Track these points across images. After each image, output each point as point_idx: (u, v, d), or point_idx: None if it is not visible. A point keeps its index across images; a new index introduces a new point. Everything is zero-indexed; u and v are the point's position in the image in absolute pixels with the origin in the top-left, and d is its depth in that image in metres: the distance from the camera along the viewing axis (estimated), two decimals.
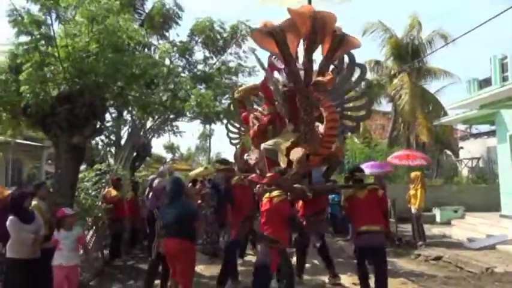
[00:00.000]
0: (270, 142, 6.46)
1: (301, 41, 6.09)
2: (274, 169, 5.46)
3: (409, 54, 17.81)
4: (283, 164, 5.99)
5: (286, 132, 6.37)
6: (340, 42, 5.88)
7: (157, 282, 5.71)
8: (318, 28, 5.78)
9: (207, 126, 20.77)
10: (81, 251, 6.89)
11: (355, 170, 6.08)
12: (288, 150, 6.11)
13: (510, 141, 10.76)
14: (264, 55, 6.83)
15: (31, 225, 4.77)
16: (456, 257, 7.86)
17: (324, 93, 5.77)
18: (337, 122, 6.01)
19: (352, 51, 6.33)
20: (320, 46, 6.08)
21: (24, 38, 6.31)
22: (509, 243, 8.53)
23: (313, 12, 5.78)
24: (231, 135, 9.91)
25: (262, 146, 6.54)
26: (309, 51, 6.02)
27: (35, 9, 6.38)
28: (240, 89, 8.76)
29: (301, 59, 6.19)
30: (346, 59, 6.45)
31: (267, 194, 5.14)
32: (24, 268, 4.72)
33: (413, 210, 9.42)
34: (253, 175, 6.38)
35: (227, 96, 13.98)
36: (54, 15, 6.46)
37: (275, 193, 5.04)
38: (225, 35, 13.26)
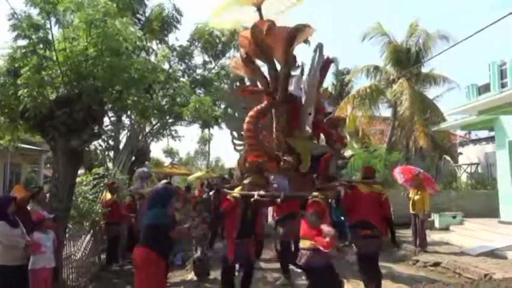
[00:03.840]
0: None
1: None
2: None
3: (408, 59, 17.85)
4: (304, 169, 5.95)
5: (303, 137, 6.33)
6: (291, 39, 6.06)
7: None
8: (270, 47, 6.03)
9: (206, 130, 20.76)
10: (78, 255, 6.91)
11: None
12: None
13: (509, 147, 10.77)
14: None
15: (18, 230, 4.71)
16: (454, 263, 7.82)
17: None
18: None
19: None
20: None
21: (22, 42, 6.33)
22: (507, 249, 8.49)
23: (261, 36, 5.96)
24: (236, 141, 9.86)
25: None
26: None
27: (34, 12, 6.41)
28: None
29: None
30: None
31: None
32: (16, 275, 4.62)
33: (421, 216, 9.26)
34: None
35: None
36: (53, 19, 6.48)
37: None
38: (223, 38, 13.34)
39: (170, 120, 13.05)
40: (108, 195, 8.56)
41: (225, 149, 73.30)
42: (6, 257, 4.60)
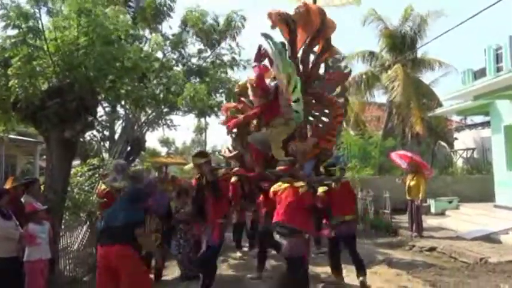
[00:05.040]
0: (259, 134, 6.49)
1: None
2: (285, 160, 5.45)
3: (404, 44, 17.76)
4: (277, 156, 6.05)
5: (279, 123, 6.37)
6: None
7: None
8: (322, 29, 6.35)
9: (202, 119, 20.66)
10: (75, 246, 6.90)
11: (330, 165, 6.26)
12: (284, 142, 6.24)
13: (504, 131, 10.78)
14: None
15: (11, 222, 4.71)
16: (450, 248, 7.89)
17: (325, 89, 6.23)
18: (343, 116, 6.49)
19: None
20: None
21: (11, 32, 6.21)
22: (503, 233, 8.56)
23: (323, 14, 6.33)
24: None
25: (251, 137, 6.57)
26: (310, 47, 6.45)
27: (22, 1, 6.28)
28: (239, 83, 8.70)
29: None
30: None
31: (282, 185, 5.00)
32: (10, 267, 4.61)
33: (417, 202, 9.27)
34: (237, 168, 6.43)
35: (222, 90, 13.92)
36: (43, 8, 6.36)
37: (299, 184, 4.94)
38: (219, 27, 13.18)
39: (165, 110, 12.95)
40: (104, 186, 8.51)
41: (222, 138, 73.08)
42: (1, 248, 4.58)
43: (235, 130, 7.31)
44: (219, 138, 49.64)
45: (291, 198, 4.84)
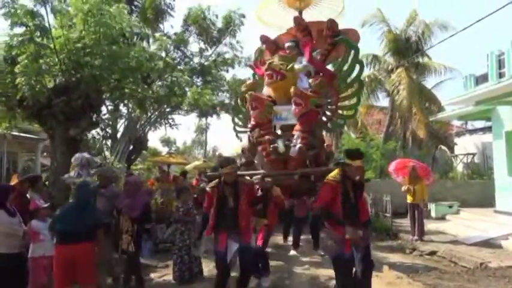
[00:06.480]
0: None
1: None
2: None
3: (408, 48, 17.79)
4: None
5: None
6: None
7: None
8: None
9: (203, 119, 20.73)
10: None
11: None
12: None
13: (506, 137, 10.80)
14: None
15: (15, 219, 4.70)
16: (450, 252, 7.91)
17: None
18: None
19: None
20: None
21: (18, 30, 6.27)
22: (503, 238, 8.59)
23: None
24: (238, 128, 9.82)
25: None
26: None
27: (27, 1, 6.33)
28: (246, 83, 8.65)
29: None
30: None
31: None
32: (14, 263, 4.61)
33: (421, 206, 9.35)
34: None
35: (224, 88, 13.97)
36: (48, 7, 6.42)
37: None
38: (219, 25, 13.27)
39: (168, 109, 13.00)
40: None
41: (222, 139, 73.05)
42: (5, 245, 4.59)
43: None
44: (219, 139, 49.54)
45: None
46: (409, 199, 9.54)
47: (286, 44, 6.61)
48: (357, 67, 6.32)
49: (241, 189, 4.85)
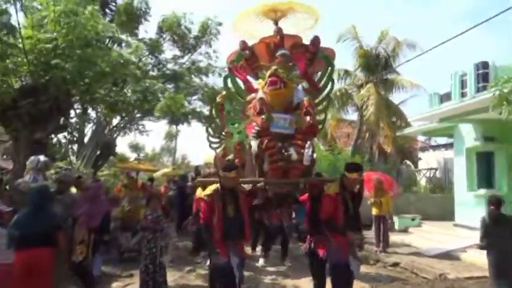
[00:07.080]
0: None
1: None
2: None
3: (377, 65, 18.35)
4: None
5: None
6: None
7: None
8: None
9: (174, 126, 20.50)
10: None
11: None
12: None
13: (466, 154, 11.31)
14: None
15: None
16: (412, 264, 8.16)
17: None
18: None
19: None
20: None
21: None
22: (461, 251, 8.95)
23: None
24: (211, 139, 9.78)
25: None
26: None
27: None
28: (221, 94, 8.56)
29: None
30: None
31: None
32: None
33: (387, 217, 9.73)
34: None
35: (197, 96, 13.93)
36: (18, 5, 6.24)
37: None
38: (195, 33, 13.27)
39: (138, 115, 12.83)
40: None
41: (192, 147, 72.43)
42: None
43: None
44: (189, 146, 48.92)
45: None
46: (374, 211, 9.79)
47: (280, 52, 6.64)
48: (329, 84, 6.46)
49: (240, 196, 4.69)
